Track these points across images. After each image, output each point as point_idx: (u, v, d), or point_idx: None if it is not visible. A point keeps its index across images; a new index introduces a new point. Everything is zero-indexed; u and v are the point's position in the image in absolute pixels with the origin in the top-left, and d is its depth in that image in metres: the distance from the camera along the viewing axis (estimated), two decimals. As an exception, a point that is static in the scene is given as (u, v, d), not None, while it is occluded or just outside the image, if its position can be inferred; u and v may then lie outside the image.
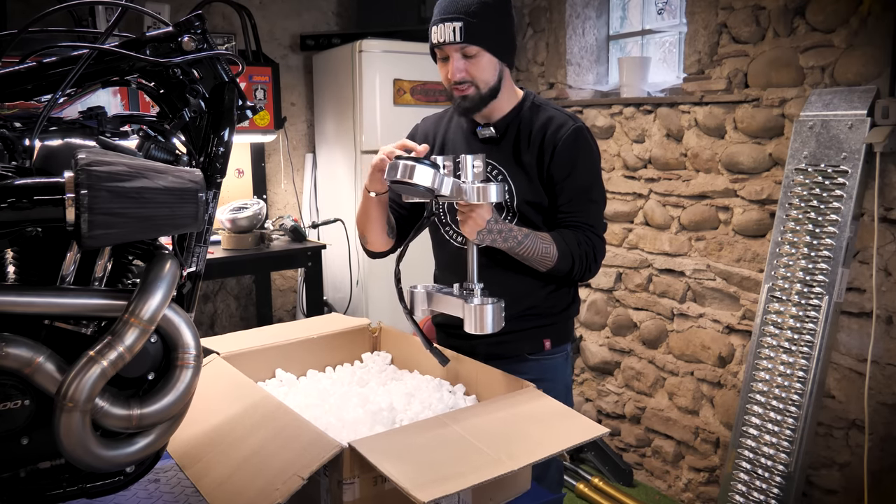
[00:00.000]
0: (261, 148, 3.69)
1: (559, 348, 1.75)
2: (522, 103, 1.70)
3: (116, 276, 1.07)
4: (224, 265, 3.14)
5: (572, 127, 1.63)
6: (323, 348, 1.71)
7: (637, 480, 3.23)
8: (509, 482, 1.26)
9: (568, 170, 1.62)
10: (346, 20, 3.93)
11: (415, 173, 1.31)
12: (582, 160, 1.64)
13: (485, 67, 1.60)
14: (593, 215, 1.66)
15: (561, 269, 1.60)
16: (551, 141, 1.62)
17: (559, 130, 1.63)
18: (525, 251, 1.55)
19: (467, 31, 1.56)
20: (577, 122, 1.65)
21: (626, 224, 3.22)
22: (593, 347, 3.43)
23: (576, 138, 1.63)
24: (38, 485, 1.04)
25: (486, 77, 1.61)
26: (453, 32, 1.56)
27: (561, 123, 1.64)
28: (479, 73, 1.60)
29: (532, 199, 1.65)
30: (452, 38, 1.56)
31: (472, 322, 1.40)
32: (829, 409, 2.46)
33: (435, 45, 1.61)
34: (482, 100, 1.62)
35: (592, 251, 1.62)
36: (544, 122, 1.65)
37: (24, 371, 0.93)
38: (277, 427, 1.20)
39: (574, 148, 1.62)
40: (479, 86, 1.61)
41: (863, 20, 2.30)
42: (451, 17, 1.56)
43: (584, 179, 1.64)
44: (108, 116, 1.13)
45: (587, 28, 3.49)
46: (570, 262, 1.59)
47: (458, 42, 1.56)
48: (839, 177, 2.31)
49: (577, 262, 1.60)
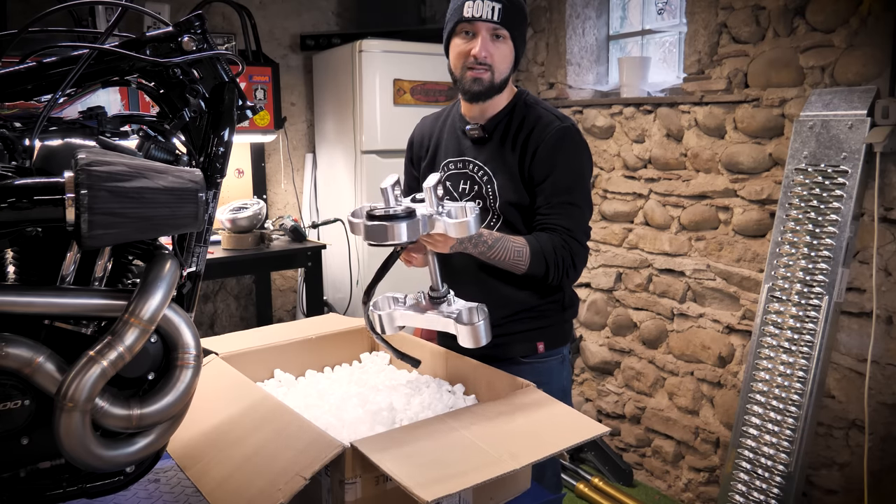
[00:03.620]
0: (261, 148, 3.69)
1: (554, 351, 1.73)
2: (515, 102, 1.68)
3: (116, 276, 1.07)
4: (224, 265, 3.14)
5: (557, 127, 1.60)
6: (321, 349, 1.71)
7: (637, 480, 3.23)
8: (510, 481, 1.26)
9: (548, 170, 1.59)
10: (346, 20, 3.93)
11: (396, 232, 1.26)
12: (563, 161, 1.60)
13: (506, 56, 1.60)
14: (573, 219, 1.60)
15: (535, 273, 1.56)
16: (535, 140, 1.60)
17: (544, 130, 1.61)
18: (496, 255, 1.52)
19: (505, 14, 1.55)
20: (564, 122, 1.62)
21: (626, 224, 3.22)
22: (593, 347, 3.43)
23: (560, 138, 1.60)
24: (38, 485, 1.03)
25: (503, 67, 1.60)
26: (492, 11, 1.55)
27: (547, 123, 1.62)
28: (499, 59, 1.59)
29: (514, 199, 1.63)
30: (490, 16, 1.55)
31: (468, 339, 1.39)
32: (829, 409, 2.46)
33: (465, 20, 1.58)
34: (492, 88, 1.61)
35: (570, 256, 1.57)
36: (532, 121, 1.63)
37: (24, 371, 0.93)
38: (278, 427, 1.20)
39: (556, 148, 1.59)
40: (494, 72, 1.60)
41: (863, 20, 2.30)
42: None
43: (565, 181, 1.60)
44: (108, 116, 1.13)
45: (587, 28, 3.49)
46: (543, 266, 1.55)
47: (493, 21, 1.55)
48: (839, 177, 2.31)
49: (551, 266, 1.55)
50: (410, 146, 1.86)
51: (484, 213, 1.65)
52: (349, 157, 3.50)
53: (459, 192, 1.71)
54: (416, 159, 1.83)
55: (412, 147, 1.85)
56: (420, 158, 1.81)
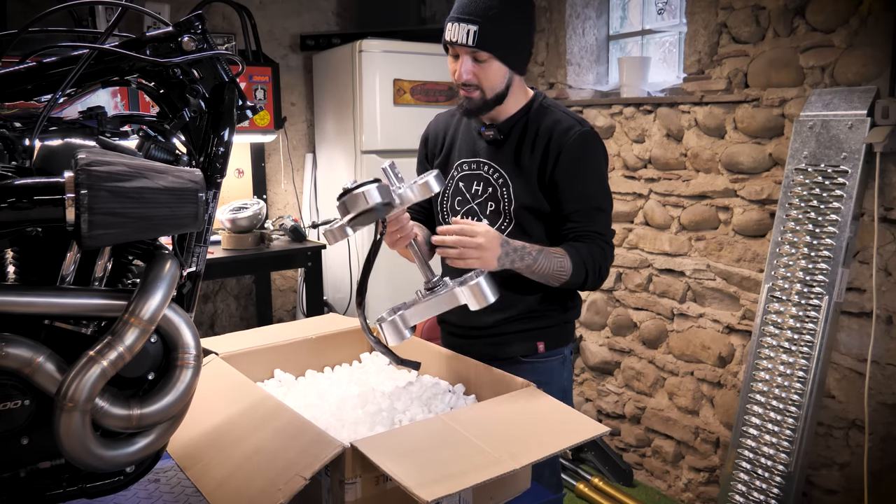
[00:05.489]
0: (261, 148, 3.69)
1: (554, 352, 1.72)
2: (530, 105, 1.66)
3: (116, 276, 1.07)
4: (224, 265, 3.14)
5: (579, 131, 1.59)
6: (321, 349, 1.71)
7: (637, 480, 3.23)
8: (510, 481, 1.26)
9: (573, 175, 1.58)
10: (346, 20, 3.93)
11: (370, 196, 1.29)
12: (588, 166, 1.60)
13: (493, 74, 1.57)
14: (603, 224, 1.62)
15: (574, 283, 1.58)
16: (556, 145, 1.58)
17: (566, 134, 1.59)
18: (539, 267, 1.52)
19: (481, 37, 1.52)
20: (584, 126, 1.61)
21: (626, 224, 3.22)
22: (593, 347, 3.43)
23: (582, 143, 1.59)
24: (38, 485, 1.04)
25: (494, 84, 1.58)
26: (467, 35, 1.52)
27: (568, 127, 1.60)
28: (486, 79, 1.57)
29: (530, 204, 1.61)
30: (465, 41, 1.53)
31: (473, 300, 1.38)
32: (829, 409, 2.46)
33: (447, 42, 1.58)
34: (486, 105, 1.60)
35: (605, 261, 1.60)
36: (550, 124, 1.61)
37: (24, 371, 0.93)
38: (278, 427, 1.20)
39: (580, 153, 1.58)
40: (484, 91, 1.58)
41: (863, 20, 2.30)
42: (467, 18, 1.53)
43: (591, 186, 1.61)
44: (108, 116, 1.13)
45: (587, 28, 3.49)
46: (583, 274, 1.57)
47: (469, 46, 1.53)
48: (839, 177, 2.31)
49: (590, 273, 1.57)
50: (424, 142, 1.83)
51: (496, 216, 1.64)
52: (349, 157, 3.50)
53: (472, 193, 1.68)
54: (431, 156, 1.81)
55: (426, 143, 1.82)
56: (434, 156, 1.79)
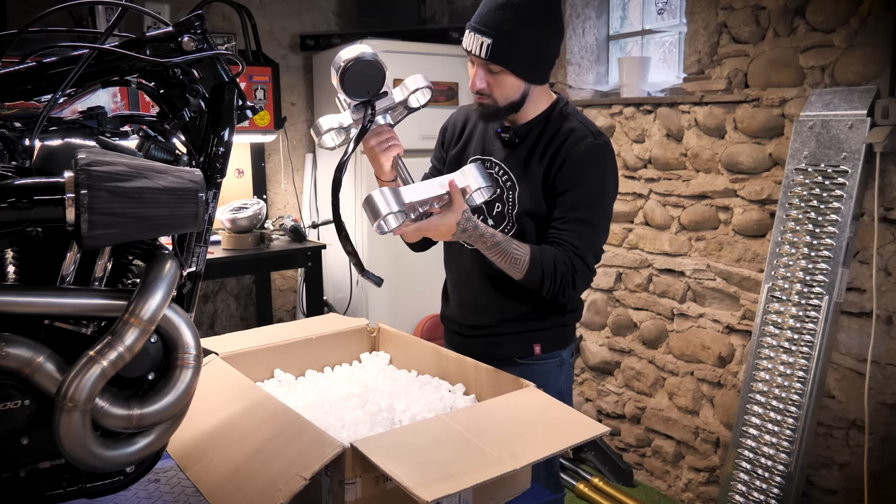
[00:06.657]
0: (261, 148, 3.69)
1: (551, 354, 1.70)
2: (551, 110, 1.63)
3: (116, 276, 1.07)
4: (224, 265, 3.14)
5: (590, 143, 1.56)
6: (321, 349, 1.71)
7: (637, 480, 3.23)
8: (510, 481, 1.27)
9: (570, 184, 1.56)
10: (346, 20, 3.93)
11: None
12: (588, 178, 1.56)
13: (507, 86, 1.55)
14: (585, 238, 1.56)
15: (530, 282, 1.54)
16: (564, 153, 1.56)
17: (576, 144, 1.56)
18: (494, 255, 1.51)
19: (494, 50, 1.50)
20: (598, 139, 1.57)
21: (626, 224, 3.22)
22: (593, 347, 3.43)
23: (589, 154, 1.56)
24: (38, 485, 1.04)
25: (507, 94, 1.56)
26: (480, 47, 1.51)
27: (581, 136, 1.57)
28: (499, 89, 1.56)
29: (531, 209, 1.60)
30: (478, 53, 1.52)
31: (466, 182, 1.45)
32: (829, 409, 2.46)
33: (465, 48, 1.57)
34: (499, 112, 1.59)
35: (571, 275, 1.53)
36: (565, 133, 1.59)
37: (24, 371, 0.93)
38: (278, 427, 1.20)
39: (584, 164, 1.55)
40: (497, 101, 1.57)
41: (863, 20, 2.30)
42: (483, 29, 1.51)
43: (585, 198, 1.57)
44: (108, 116, 1.13)
45: (587, 28, 3.49)
46: (539, 277, 1.52)
47: (482, 58, 1.52)
48: (839, 177, 2.31)
49: (547, 280, 1.52)
50: (443, 131, 1.82)
51: (501, 218, 1.64)
52: (349, 157, 3.49)
53: None
54: (447, 145, 1.80)
55: (445, 132, 1.82)
56: (450, 145, 1.78)
